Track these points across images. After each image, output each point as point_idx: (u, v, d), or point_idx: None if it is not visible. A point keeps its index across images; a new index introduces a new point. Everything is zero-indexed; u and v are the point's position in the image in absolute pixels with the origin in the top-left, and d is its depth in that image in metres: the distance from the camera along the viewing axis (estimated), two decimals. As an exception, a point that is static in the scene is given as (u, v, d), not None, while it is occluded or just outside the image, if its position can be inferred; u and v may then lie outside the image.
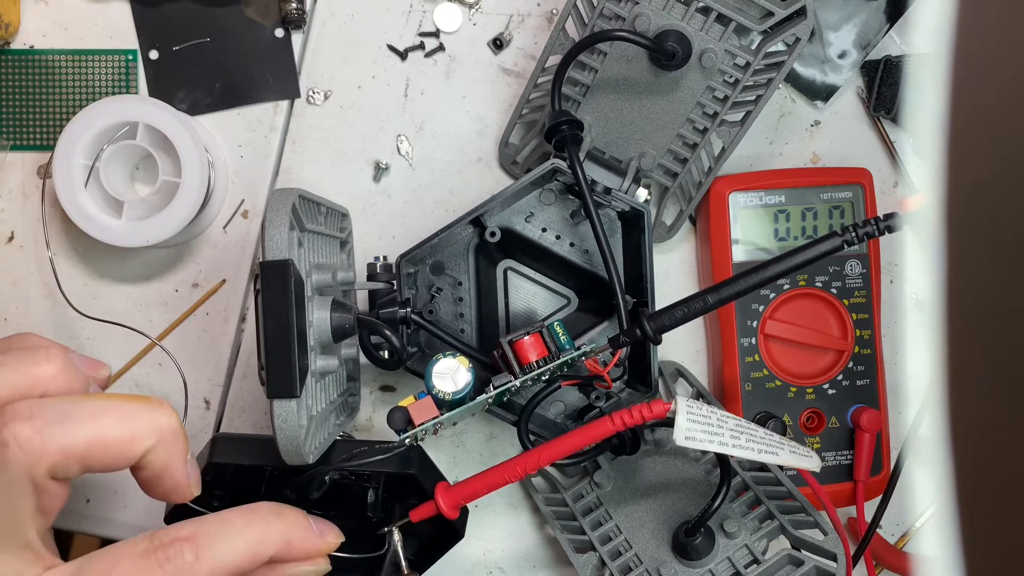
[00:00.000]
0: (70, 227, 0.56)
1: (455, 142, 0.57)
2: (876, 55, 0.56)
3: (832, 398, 0.54)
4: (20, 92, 0.56)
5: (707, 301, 0.44)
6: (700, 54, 0.49)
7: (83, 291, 0.56)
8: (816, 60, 0.56)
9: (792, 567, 0.44)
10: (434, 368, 0.43)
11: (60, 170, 0.51)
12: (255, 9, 0.56)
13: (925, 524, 0.56)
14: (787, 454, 0.41)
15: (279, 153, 0.57)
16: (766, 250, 0.54)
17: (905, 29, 0.56)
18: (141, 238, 0.51)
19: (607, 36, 0.48)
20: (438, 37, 0.57)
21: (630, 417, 0.42)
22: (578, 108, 0.52)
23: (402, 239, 0.57)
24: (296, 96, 0.57)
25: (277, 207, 0.42)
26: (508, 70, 0.57)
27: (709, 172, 0.53)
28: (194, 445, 0.57)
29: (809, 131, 0.58)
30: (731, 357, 0.54)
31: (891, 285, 0.58)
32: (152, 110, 0.51)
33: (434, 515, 0.45)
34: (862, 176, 0.55)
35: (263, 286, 0.40)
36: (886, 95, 0.56)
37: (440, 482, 0.46)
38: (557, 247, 0.52)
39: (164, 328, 0.57)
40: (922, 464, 0.13)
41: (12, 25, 0.55)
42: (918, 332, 0.13)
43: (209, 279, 0.57)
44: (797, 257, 0.43)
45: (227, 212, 0.57)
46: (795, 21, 0.48)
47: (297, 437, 0.41)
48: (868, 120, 0.58)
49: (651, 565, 0.47)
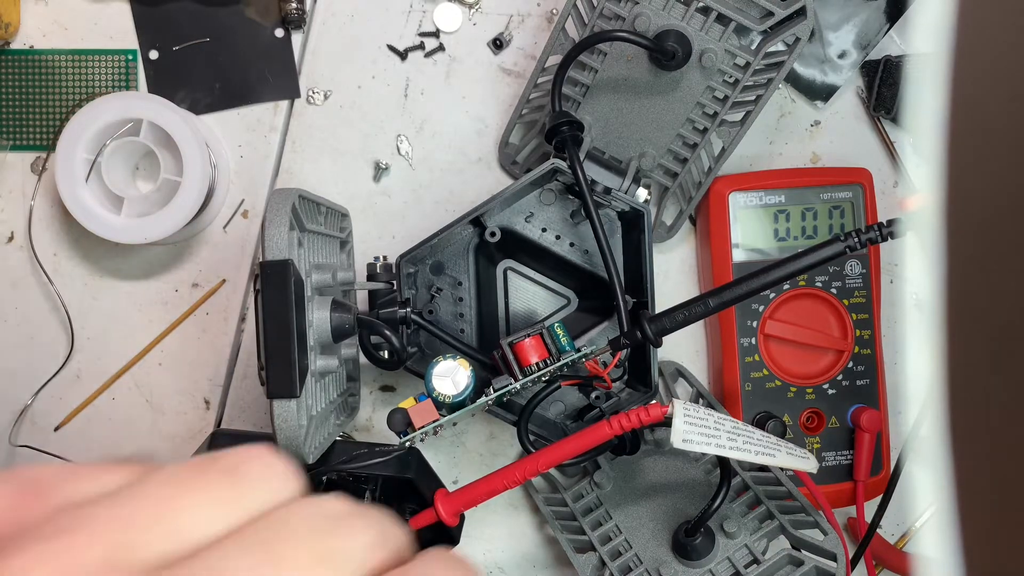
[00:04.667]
0: (70, 227, 0.56)
1: (455, 142, 0.57)
2: (876, 55, 0.56)
3: (832, 398, 0.54)
4: (20, 92, 0.56)
5: (708, 305, 0.44)
6: (700, 54, 0.49)
7: (83, 290, 0.56)
8: (816, 60, 0.56)
9: (792, 567, 0.44)
10: (434, 370, 0.43)
11: (62, 163, 0.51)
12: (255, 9, 0.56)
13: (925, 524, 0.56)
14: (784, 456, 0.41)
15: (279, 153, 0.57)
16: (766, 250, 0.54)
17: (905, 29, 0.56)
18: (140, 235, 0.51)
19: (607, 36, 0.48)
20: (438, 37, 0.57)
21: (628, 421, 0.42)
22: (578, 108, 0.52)
23: (402, 239, 0.57)
24: (296, 96, 0.57)
25: (277, 207, 0.42)
26: (508, 70, 0.57)
27: (709, 172, 0.53)
28: (193, 445, 0.57)
29: (809, 131, 0.58)
30: (731, 357, 0.54)
31: (891, 285, 0.58)
32: (156, 108, 0.51)
33: (433, 522, 0.45)
34: (862, 176, 0.55)
35: (263, 286, 0.40)
36: (886, 95, 0.56)
37: (439, 489, 0.46)
38: (557, 247, 0.52)
39: (164, 328, 0.56)
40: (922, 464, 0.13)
41: (12, 25, 0.55)
42: (918, 332, 0.13)
43: (209, 279, 0.57)
44: (799, 262, 0.42)
45: (227, 212, 0.57)
46: (795, 21, 0.48)
47: (297, 437, 0.41)
48: (868, 120, 0.58)
49: (651, 565, 0.47)
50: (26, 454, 0.56)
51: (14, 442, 0.57)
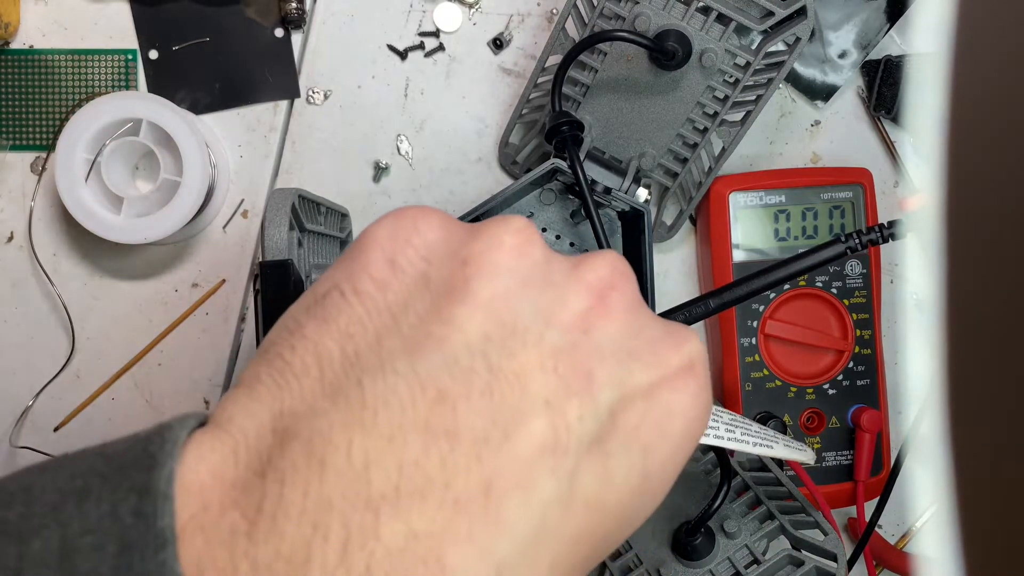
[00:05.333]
0: (70, 227, 0.56)
1: (455, 142, 0.57)
2: (876, 55, 0.56)
3: (832, 398, 0.54)
4: (19, 92, 0.56)
5: (708, 305, 0.44)
6: (700, 54, 0.49)
7: (83, 290, 0.56)
8: (816, 60, 0.56)
9: (792, 567, 0.44)
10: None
11: (62, 163, 0.51)
12: (255, 9, 0.56)
13: (925, 524, 0.56)
14: (782, 448, 0.42)
15: (279, 153, 0.57)
16: (766, 251, 0.54)
17: (905, 29, 0.56)
18: (140, 235, 0.51)
19: (607, 36, 0.48)
20: (438, 37, 0.57)
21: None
22: (578, 108, 0.52)
23: (402, 239, 0.57)
24: (296, 96, 0.57)
25: (277, 207, 0.42)
26: (508, 70, 0.57)
27: (709, 172, 0.53)
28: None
29: (809, 131, 0.58)
30: (731, 357, 0.54)
31: (891, 285, 0.58)
32: (156, 108, 0.51)
33: None
34: (862, 176, 0.55)
35: (263, 286, 0.40)
36: (886, 95, 0.56)
37: None
38: (557, 247, 0.52)
39: (164, 328, 0.56)
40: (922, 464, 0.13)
41: (12, 25, 0.55)
42: (918, 332, 0.13)
43: (209, 279, 0.57)
44: (800, 263, 0.42)
45: (227, 212, 0.57)
46: (795, 21, 0.48)
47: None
48: (868, 120, 0.58)
49: (651, 565, 0.47)
50: (27, 455, 0.56)
51: (15, 443, 0.57)
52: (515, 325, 0.22)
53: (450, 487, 0.19)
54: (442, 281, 0.22)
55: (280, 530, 0.18)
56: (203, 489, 0.19)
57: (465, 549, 0.19)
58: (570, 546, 0.21)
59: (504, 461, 0.20)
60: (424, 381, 0.20)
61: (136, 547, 0.18)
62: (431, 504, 0.19)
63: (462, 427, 0.20)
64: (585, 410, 0.21)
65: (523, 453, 0.20)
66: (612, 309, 0.23)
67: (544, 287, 0.23)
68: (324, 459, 0.19)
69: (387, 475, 0.19)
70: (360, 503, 0.18)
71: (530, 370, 0.21)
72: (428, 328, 0.21)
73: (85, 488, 0.19)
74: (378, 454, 0.19)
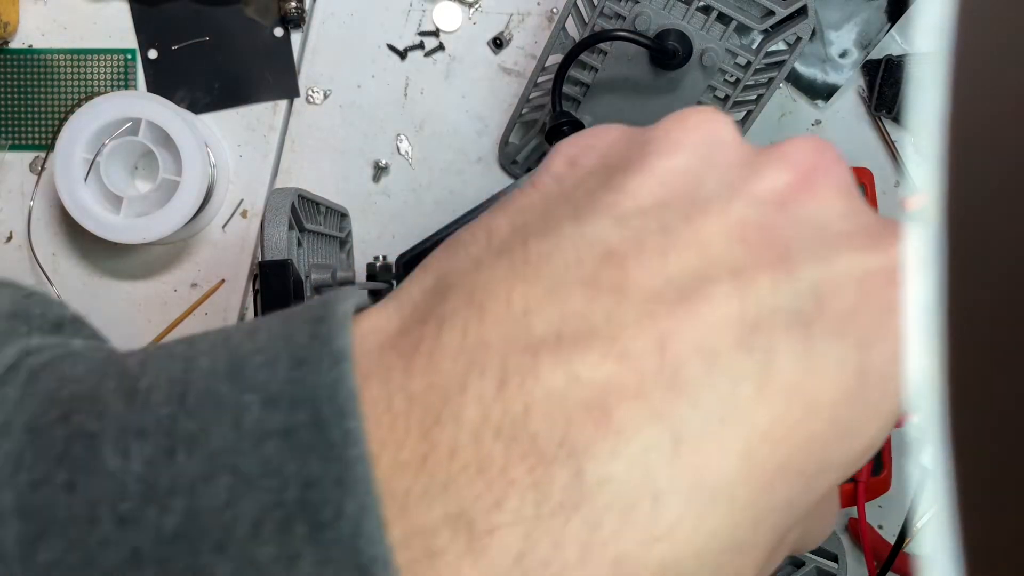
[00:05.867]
0: (69, 226, 0.56)
1: (455, 142, 0.57)
2: (877, 54, 0.56)
3: (832, 398, 0.54)
4: (19, 91, 0.56)
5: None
6: (701, 53, 0.49)
7: (82, 290, 0.56)
8: (817, 59, 0.56)
9: (792, 567, 0.44)
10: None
11: (61, 163, 0.51)
12: (255, 8, 0.56)
13: (925, 524, 0.56)
14: None
15: (278, 152, 0.57)
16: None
17: (906, 28, 0.56)
18: (139, 235, 0.51)
19: (608, 36, 0.48)
20: (438, 36, 0.57)
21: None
22: (578, 108, 0.52)
23: (402, 239, 0.57)
24: (295, 95, 0.57)
25: (276, 207, 0.42)
26: (508, 70, 0.57)
27: (709, 172, 0.53)
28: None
29: (810, 130, 0.58)
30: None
31: (892, 285, 0.58)
32: (156, 107, 0.51)
33: None
34: (863, 175, 0.55)
35: (262, 286, 0.40)
36: (887, 94, 0.55)
37: None
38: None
39: (164, 328, 0.56)
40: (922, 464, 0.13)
41: (11, 24, 0.55)
42: (919, 332, 0.13)
43: (208, 279, 0.57)
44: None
45: (226, 211, 0.57)
46: (796, 20, 0.48)
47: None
48: (869, 119, 0.58)
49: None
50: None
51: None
52: (696, 195, 0.20)
53: (616, 339, 0.17)
54: (620, 158, 0.21)
55: (436, 365, 0.18)
56: (363, 337, 0.19)
57: (634, 406, 0.17)
58: (767, 440, 0.18)
59: (681, 321, 0.18)
60: (591, 240, 0.19)
61: (311, 362, 0.18)
62: (595, 353, 0.17)
63: (631, 283, 0.18)
64: (781, 285, 0.18)
65: (704, 316, 0.18)
66: (817, 187, 0.21)
67: (734, 164, 0.21)
68: (484, 304, 0.18)
69: (548, 323, 0.18)
70: (519, 346, 0.18)
71: (712, 236, 0.19)
72: (598, 196, 0.20)
73: (255, 327, 0.19)
74: (538, 303, 0.18)
